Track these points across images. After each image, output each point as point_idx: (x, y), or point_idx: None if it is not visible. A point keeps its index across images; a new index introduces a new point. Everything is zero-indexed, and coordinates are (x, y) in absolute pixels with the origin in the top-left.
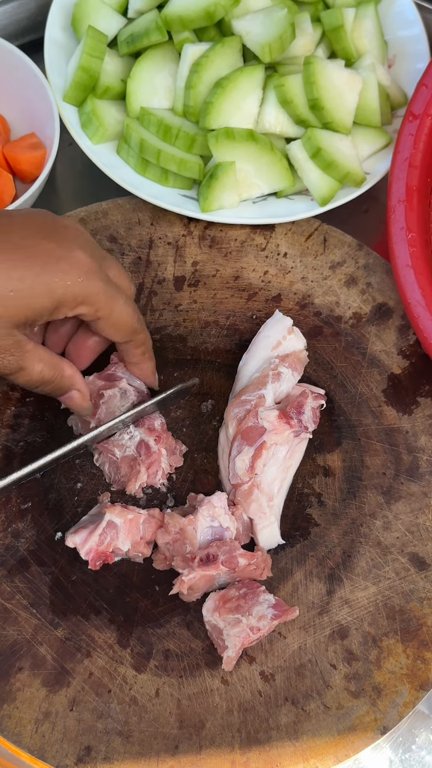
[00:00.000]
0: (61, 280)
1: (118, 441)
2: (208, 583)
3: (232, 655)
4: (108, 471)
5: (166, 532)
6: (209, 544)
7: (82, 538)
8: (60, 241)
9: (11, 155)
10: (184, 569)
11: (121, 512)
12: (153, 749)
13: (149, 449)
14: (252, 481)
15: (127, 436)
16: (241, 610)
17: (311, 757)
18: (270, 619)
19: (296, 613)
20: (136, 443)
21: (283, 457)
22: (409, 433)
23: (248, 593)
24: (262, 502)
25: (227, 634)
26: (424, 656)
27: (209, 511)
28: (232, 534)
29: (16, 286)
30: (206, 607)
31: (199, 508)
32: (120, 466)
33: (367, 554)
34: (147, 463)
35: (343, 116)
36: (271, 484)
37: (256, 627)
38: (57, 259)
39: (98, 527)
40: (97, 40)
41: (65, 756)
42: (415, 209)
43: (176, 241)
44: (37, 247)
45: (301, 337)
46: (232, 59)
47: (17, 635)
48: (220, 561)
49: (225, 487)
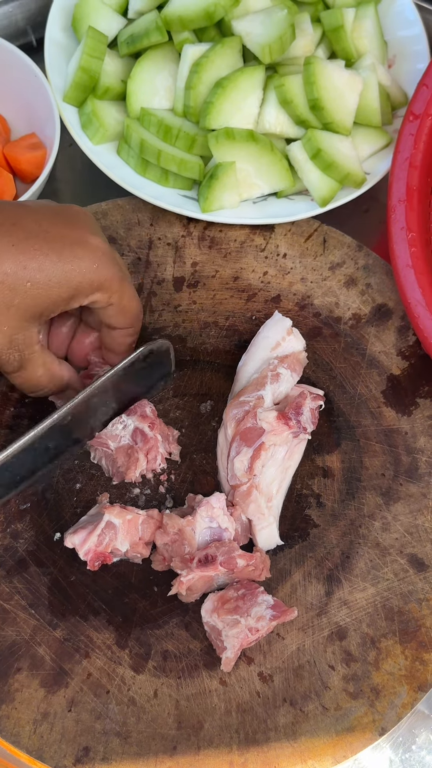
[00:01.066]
0: (78, 267)
1: (111, 432)
2: (206, 584)
3: (231, 656)
4: (105, 465)
5: (164, 533)
6: (208, 545)
7: (81, 539)
8: (72, 227)
9: (11, 155)
10: (182, 570)
11: (120, 513)
12: (151, 750)
13: (145, 435)
14: (251, 482)
15: (121, 426)
16: (240, 611)
17: (309, 758)
18: (269, 619)
19: (295, 614)
20: (130, 431)
21: (282, 458)
22: (408, 434)
23: (247, 594)
24: (260, 503)
25: (226, 635)
26: (423, 657)
27: (208, 511)
28: (231, 535)
29: (33, 276)
30: (205, 607)
31: (197, 509)
32: (116, 458)
33: (366, 555)
34: (145, 449)
35: (344, 117)
36: (270, 485)
37: (254, 628)
38: (71, 245)
39: (97, 527)
40: (98, 41)
41: (63, 756)
42: (416, 209)
43: (176, 241)
44: (50, 233)
45: (300, 338)
46: (232, 60)
47: (16, 636)
48: (218, 562)
49: (224, 487)
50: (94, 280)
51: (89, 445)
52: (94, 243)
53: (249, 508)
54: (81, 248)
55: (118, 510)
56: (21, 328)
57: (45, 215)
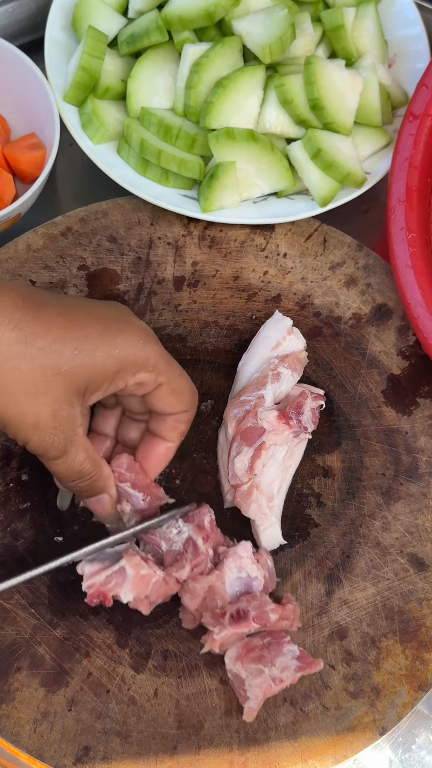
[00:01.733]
0: (123, 341)
1: (164, 534)
2: (238, 638)
3: (254, 706)
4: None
5: (194, 596)
6: (239, 597)
7: (91, 571)
8: (115, 309)
9: (11, 155)
10: (214, 627)
11: (137, 564)
12: (151, 749)
13: (197, 549)
14: (251, 481)
15: (175, 531)
16: (264, 661)
17: (310, 758)
18: (294, 670)
19: (320, 666)
20: (183, 539)
21: (283, 458)
22: (409, 433)
23: (272, 643)
24: (261, 502)
25: (249, 685)
26: (423, 657)
27: (236, 562)
28: (261, 584)
29: (80, 344)
30: (229, 655)
31: (225, 561)
32: (165, 557)
33: (366, 555)
34: (194, 562)
35: (344, 116)
36: (271, 485)
37: (278, 678)
38: (116, 321)
39: (109, 569)
40: (98, 40)
41: (63, 756)
42: (415, 209)
43: (176, 241)
44: (96, 310)
45: (300, 338)
46: (233, 59)
47: (16, 635)
48: (251, 617)
49: (223, 487)
50: (140, 356)
51: (140, 538)
52: (137, 323)
53: (250, 508)
54: (125, 325)
55: (138, 561)
56: (66, 403)
57: (86, 301)
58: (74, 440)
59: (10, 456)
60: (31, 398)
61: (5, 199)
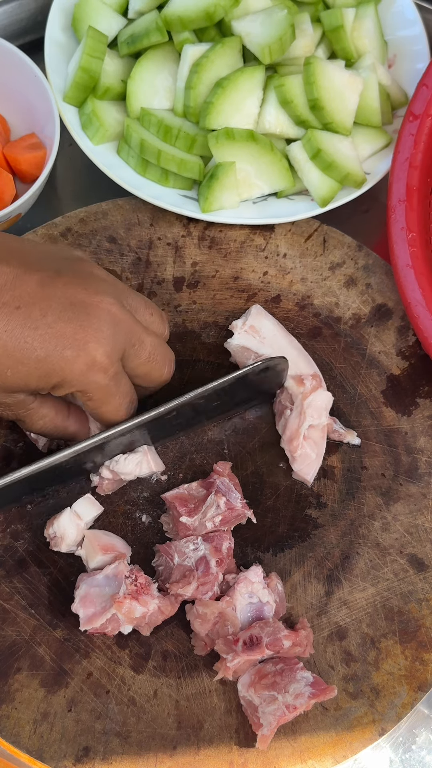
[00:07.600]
0: (62, 370)
1: (180, 547)
2: (251, 665)
3: (267, 734)
4: (160, 571)
5: (204, 621)
6: (251, 623)
7: (86, 616)
8: (81, 322)
9: (11, 155)
10: (227, 654)
11: (129, 610)
12: (151, 750)
13: (208, 569)
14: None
15: (192, 546)
16: (278, 687)
17: (309, 758)
18: (307, 697)
19: (335, 693)
20: (197, 557)
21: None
22: (408, 434)
23: (285, 669)
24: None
25: (262, 712)
26: (423, 657)
27: (247, 587)
28: (272, 608)
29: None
30: (242, 681)
31: (236, 587)
32: (173, 572)
33: (366, 555)
34: (201, 581)
35: (344, 117)
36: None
37: (292, 705)
38: (65, 347)
39: (102, 615)
40: (98, 41)
41: (63, 756)
42: (416, 209)
43: (176, 241)
44: (53, 329)
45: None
46: (232, 60)
47: (16, 636)
48: (264, 644)
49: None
50: (75, 384)
51: (156, 548)
52: (91, 350)
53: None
54: (74, 350)
55: (128, 606)
56: (7, 396)
57: (59, 301)
58: (28, 413)
59: (10, 456)
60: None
61: (5, 199)
